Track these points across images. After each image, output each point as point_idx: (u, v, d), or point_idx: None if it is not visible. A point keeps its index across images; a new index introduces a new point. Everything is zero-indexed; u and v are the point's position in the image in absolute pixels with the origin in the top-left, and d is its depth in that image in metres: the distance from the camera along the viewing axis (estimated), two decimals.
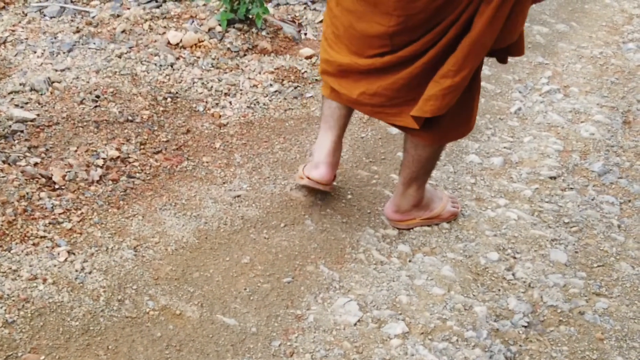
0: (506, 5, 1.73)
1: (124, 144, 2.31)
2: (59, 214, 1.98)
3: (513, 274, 2.10)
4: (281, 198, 2.26)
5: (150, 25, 2.96)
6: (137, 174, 2.21)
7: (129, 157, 2.26)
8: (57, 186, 2.06)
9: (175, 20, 3.02)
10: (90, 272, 1.83)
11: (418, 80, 1.85)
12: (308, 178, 2.14)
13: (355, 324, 1.85)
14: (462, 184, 2.47)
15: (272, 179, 2.34)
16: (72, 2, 3.14)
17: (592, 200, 2.46)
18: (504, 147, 2.71)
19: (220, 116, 2.60)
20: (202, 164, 2.35)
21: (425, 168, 2.10)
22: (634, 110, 3.06)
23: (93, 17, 3.01)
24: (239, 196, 2.23)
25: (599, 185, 2.55)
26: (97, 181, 2.12)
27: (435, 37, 1.78)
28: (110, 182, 2.15)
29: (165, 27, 2.97)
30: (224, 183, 2.28)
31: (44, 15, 3.02)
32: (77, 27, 2.91)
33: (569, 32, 3.75)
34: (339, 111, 2.10)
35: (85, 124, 2.35)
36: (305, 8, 3.43)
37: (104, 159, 2.21)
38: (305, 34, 3.21)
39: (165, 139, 2.41)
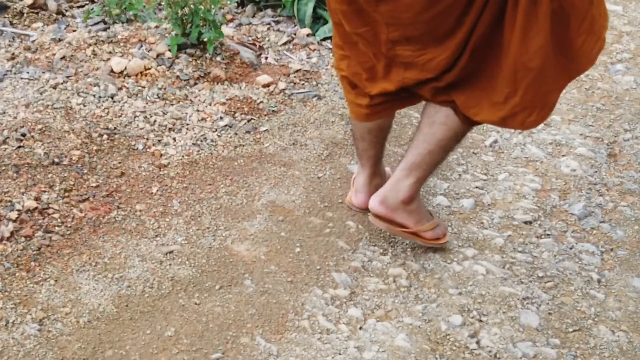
0: (541, 15, 1.61)
1: (45, 191, 2.07)
2: None
3: (477, 342, 1.86)
4: (220, 253, 2.02)
5: (94, 51, 2.72)
6: (56, 228, 1.97)
7: (49, 208, 2.02)
8: None
9: (122, 44, 2.78)
10: None
11: (455, 87, 1.83)
12: (351, 203, 2.24)
13: None
14: None
15: (212, 230, 2.10)
16: (11, 24, 2.90)
17: (571, 249, 2.22)
18: (476, 187, 2.47)
19: (161, 155, 2.35)
20: (134, 214, 2.11)
21: (432, 155, 1.94)
22: (621, 141, 2.82)
23: (33, 42, 2.78)
24: (171, 252, 1.99)
25: (579, 230, 2.31)
26: (8, 238, 1.88)
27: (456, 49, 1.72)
28: (23, 239, 1.90)
29: (110, 52, 2.73)
30: (156, 236, 2.04)
31: None
32: (13, 54, 2.68)
33: None
34: (366, 154, 2.13)
35: (3, 168, 2.11)
36: (268, 29, 3.19)
37: (18, 210, 1.97)
38: (266, 58, 2.97)
39: (95, 184, 2.17)
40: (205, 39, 2.78)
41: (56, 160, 2.19)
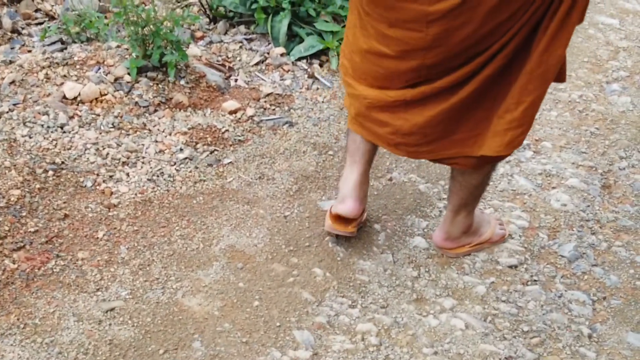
0: (564, 34, 1.62)
1: None
2: None
3: None
4: (168, 309, 1.82)
5: (47, 74, 2.51)
6: None
7: None
8: None
9: (78, 67, 2.57)
10: None
11: (461, 113, 1.75)
12: (335, 214, 2.02)
13: None
14: (402, 278, 2.03)
15: (161, 282, 1.90)
16: None
17: (559, 297, 2.02)
18: None
19: (111, 193, 2.15)
20: (75, 263, 1.90)
21: (474, 195, 2.02)
22: (616, 170, 2.61)
23: None
24: (112, 309, 1.78)
25: (569, 275, 2.11)
26: None
27: (478, 65, 1.66)
28: None
29: (65, 75, 2.52)
30: (97, 290, 1.84)
31: None
32: None
33: None
34: (364, 146, 1.99)
35: None
36: (240, 47, 2.98)
37: None
38: (236, 80, 2.77)
39: (33, 229, 1.96)
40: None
41: None
